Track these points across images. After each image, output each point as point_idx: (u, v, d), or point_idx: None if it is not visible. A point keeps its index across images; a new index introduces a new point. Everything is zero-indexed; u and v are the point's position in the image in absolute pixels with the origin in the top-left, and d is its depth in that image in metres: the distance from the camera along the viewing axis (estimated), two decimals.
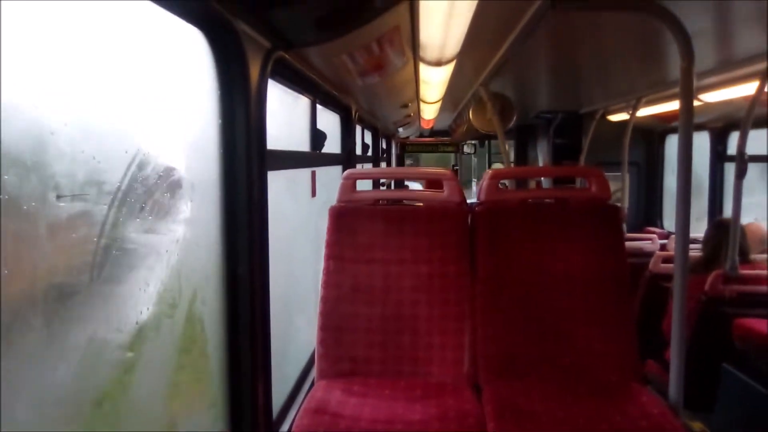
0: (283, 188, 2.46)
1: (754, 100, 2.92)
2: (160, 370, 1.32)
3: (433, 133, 9.38)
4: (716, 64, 2.95)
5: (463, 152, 10.50)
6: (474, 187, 12.68)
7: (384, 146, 7.64)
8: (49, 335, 0.91)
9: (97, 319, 1.04)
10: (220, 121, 1.56)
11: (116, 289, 1.10)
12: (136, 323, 1.16)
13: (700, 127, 4.79)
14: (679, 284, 2.00)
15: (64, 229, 0.94)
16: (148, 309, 1.21)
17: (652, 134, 5.95)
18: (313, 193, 2.91)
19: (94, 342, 1.03)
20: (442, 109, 5.30)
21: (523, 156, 7.40)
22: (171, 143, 1.32)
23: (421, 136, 9.96)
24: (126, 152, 1.12)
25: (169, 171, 1.30)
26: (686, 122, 1.98)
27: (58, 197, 0.91)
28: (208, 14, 1.39)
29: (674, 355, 2.01)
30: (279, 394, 2.29)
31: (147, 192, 1.19)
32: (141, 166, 1.15)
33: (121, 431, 1.14)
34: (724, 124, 4.71)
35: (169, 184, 1.31)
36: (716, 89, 3.40)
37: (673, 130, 5.72)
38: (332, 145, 3.50)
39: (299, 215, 2.82)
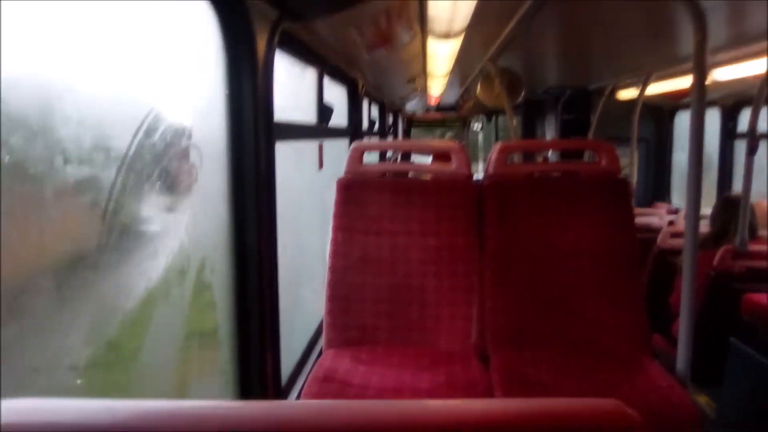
0: (290, 160, 2.46)
1: (767, 77, 2.88)
2: (169, 337, 1.33)
3: (439, 108, 9.32)
4: (728, 40, 2.91)
5: (470, 128, 10.44)
6: (480, 164, 12.60)
7: (391, 121, 7.60)
8: (58, 301, 0.93)
9: (106, 286, 1.06)
10: (227, 91, 1.55)
11: (125, 256, 1.12)
12: (146, 290, 1.18)
13: (710, 104, 4.74)
14: (688, 259, 2.00)
15: (70, 195, 0.95)
16: (157, 276, 1.22)
17: (661, 111, 5.90)
18: (320, 165, 2.92)
19: (102, 308, 1.05)
20: (449, 84, 5.26)
21: (530, 132, 7.34)
22: (178, 112, 1.33)
23: (428, 111, 9.89)
24: (133, 119, 1.12)
25: (176, 139, 1.31)
26: (699, 98, 1.95)
27: (65, 162, 0.92)
28: None
29: (683, 328, 2.01)
30: (287, 362, 2.32)
31: (155, 159, 1.20)
32: (148, 134, 1.16)
33: (130, 397, 1.17)
34: (735, 101, 4.67)
35: (177, 152, 1.32)
36: (727, 65, 3.36)
37: (683, 108, 5.67)
38: (339, 120, 3.49)
39: (306, 187, 2.82)
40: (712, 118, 4.92)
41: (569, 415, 0.56)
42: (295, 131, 2.38)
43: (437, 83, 4.84)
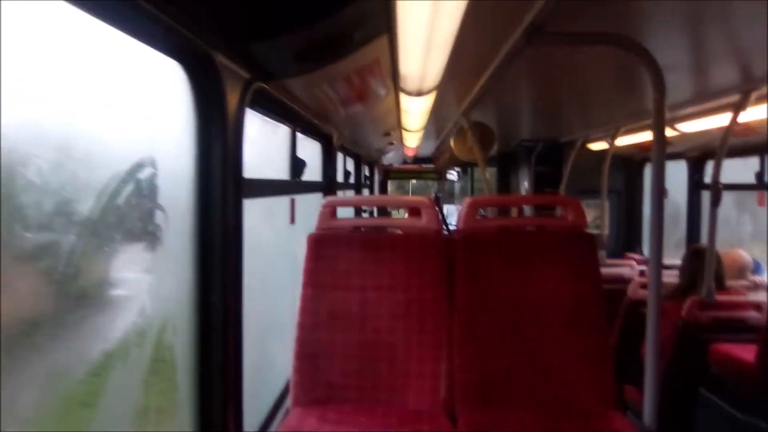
0: (262, 215, 2.46)
1: (727, 131, 2.98)
2: (127, 400, 1.30)
3: (416, 160, 9.43)
4: (691, 95, 3.01)
5: (446, 180, 10.56)
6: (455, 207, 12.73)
7: (367, 173, 7.66)
8: (12, 366, 0.90)
9: (62, 349, 1.03)
10: (196, 150, 1.56)
11: (84, 319, 1.09)
12: (104, 353, 1.15)
13: (677, 156, 4.87)
14: (653, 310, 2.02)
15: (31, 259, 0.93)
16: (116, 338, 1.19)
17: (631, 162, 6.04)
18: (292, 220, 2.91)
19: (57, 372, 1.02)
20: (424, 137, 5.34)
21: (505, 183, 7.45)
22: (144, 172, 1.32)
23: (405, 163, 10.01)
24: (98, 182, 1.11)
25: (141, 200, 1.29)
26: (659, 152, 2.01)
27: (25, 228, 0.90)
28: (188, 48, 1.40)
29: (648, 381, 2.01)
30: (253, 419, 2.26)
31: (118, 222, 1.18)
32: (112, 196, 1.15)
33: None
34: (701, 153, 4.80)
35: (142, 213, 1.30)
36: (692, 119, 3.47)
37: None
38: (314, 172, 3.50)
39: (278, 242, 2.81)
40: (682, 170, 5.03)
41: None
42: (267, 188, 2.38)
43: (413, 136, 4.91)
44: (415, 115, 3.45)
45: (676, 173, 4.95)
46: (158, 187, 1.38)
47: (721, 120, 3.22)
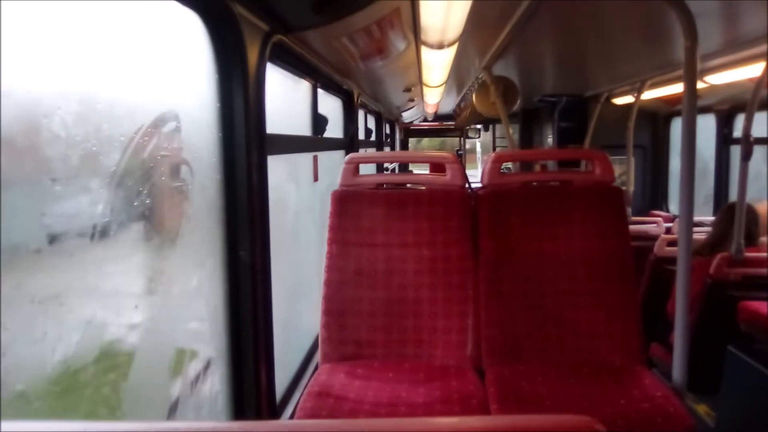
0: (285, 172, 2.46)
1: (759, 82, 2.88)
2: (158, 349, 1.32)
3: (437, 117, 9.33)
4: (721, 45, 2.91)
5: (467, 137, 10.46)
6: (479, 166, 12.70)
7: (388, 131, 7.61)
8: (44, 311, 0.92)
9: (95, 303, 1.05)
10: (218, 105, 1.55)
11: (113, 272, 1.11)
12: (136, 307, 1.17)
13: (706, 110, 4.75)
14: (682, 267, 2.00)
15: (59, 212, 0.95)
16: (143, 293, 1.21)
17: (657, 117, 5.91)
18: (315, 178, 2.92)
19: (93, 322, 1.04)
20: (445, 93, 5.27)
21: (528, 140, 7.35)
22: (168, 127, 1.32)
23: (425, 120, 9.92)
24: (122, 137, 1.11)
25: (166, 155, 1.30)
26: (690, 103, 1.95)
27: (53, 180, 0.91)
28: None
29: (678, 337, 2.00)
30: (283, 377, 2.31)
31: (144, 176, 1.19)
32: (137, 151, 1.15)
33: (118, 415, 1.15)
34: (730, 106, 4.67)
35: (168, 168, 1.31)
36: (721, 71, 3.36)
37: (679, 113, 5.66)
38: (335, 130, 3.49)
39: (302, 199, 2.82)
40: (710, 124, 4.92)
41: None
42: (289, 144, 2.38)
43: (433, 92, 4.85)
44: (436, 69, 3.39)
45: (701, 126, 4.83)
46: (183, 141, 1.38)
47: (753, 71, 3.12)
